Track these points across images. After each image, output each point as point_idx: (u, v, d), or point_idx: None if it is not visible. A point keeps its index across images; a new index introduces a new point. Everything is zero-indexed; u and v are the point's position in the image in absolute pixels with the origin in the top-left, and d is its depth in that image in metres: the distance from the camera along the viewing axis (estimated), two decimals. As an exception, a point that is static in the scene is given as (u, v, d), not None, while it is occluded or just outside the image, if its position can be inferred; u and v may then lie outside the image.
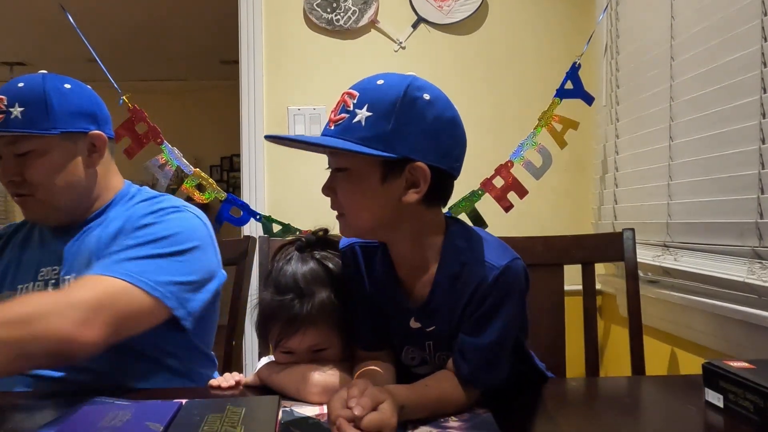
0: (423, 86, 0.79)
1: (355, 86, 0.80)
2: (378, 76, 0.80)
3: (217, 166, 5.92)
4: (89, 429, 0.66)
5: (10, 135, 1.00)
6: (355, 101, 0.77)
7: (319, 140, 0.77)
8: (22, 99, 1.01)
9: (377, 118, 0.76)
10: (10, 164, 1.02)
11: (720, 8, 1.29)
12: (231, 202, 1.83)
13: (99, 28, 3.96)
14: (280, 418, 0.71)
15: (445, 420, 0.76)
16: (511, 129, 1.97)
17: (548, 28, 2.05)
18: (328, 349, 0.90)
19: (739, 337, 1.21)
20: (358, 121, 0.76)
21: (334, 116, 0.79)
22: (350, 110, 0.77)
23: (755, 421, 0.72)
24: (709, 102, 1.33)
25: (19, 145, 1.01)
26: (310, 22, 2.02)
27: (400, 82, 0.78)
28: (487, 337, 0.80)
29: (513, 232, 1.45)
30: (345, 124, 0.77)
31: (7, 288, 1.06)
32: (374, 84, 0.79)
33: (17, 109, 1.00)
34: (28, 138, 1.01)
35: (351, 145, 0.75)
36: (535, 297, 1.28)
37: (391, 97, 0.76)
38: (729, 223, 1.24)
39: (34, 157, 1.02)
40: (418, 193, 0.79)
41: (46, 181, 1.03)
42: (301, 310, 0.86)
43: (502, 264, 0.79)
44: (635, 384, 1.06)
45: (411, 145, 0.77)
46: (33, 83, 1.03)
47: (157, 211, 1.04)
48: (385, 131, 0.76)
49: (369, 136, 0.76)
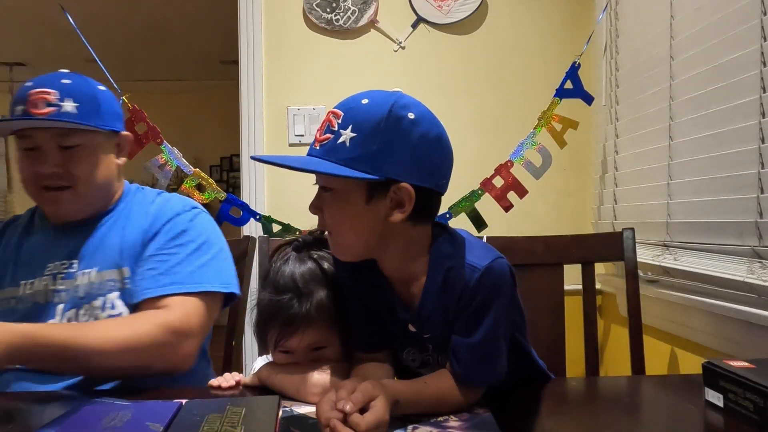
0: (408, 104, 0.78)
1: (340, 105, 0.79)
2: (363, 95, 0.79)
3: (216, 166, 5.92)
4: (89, 429, 0.67)
5: (61, 127, 1.03)
6: (340, 121, 0.77)
7: (302, 164, 0.77)
8: (75, 95, 1.04)
9: (362, 140, 0.75)
10: (54, 156, 1.04)
11: (719, 7, 1.29)
12: (231, 202, 1.83)
13: (99, 29, 3.96)
14: (280, 418, 0.71)
15: (445, 420, 0.76)
16: (510, 129, 1.97)
17: (548, 27, 2.05)
18: (328, 348, 0.91)
19: (739, 337, 1.21)
20: (342, 142, 0.76)
21: (320, 136, 0.79)
22: (335, 130, 0.77)
23: (755, 420, 0.72)
24: (708, 101, 1.33)
25: (70, 138, 1.04)
26: (310, 22, 2.02)
27: (385, 101, 0.77)
28: (477, 336, 0.80)
29: (513, 232, 1.45)
30: (330, 145, 0.77)
31: (9, 284, 1.06)
32: (359, 103, 0.78)
33: (71, 104, 1.03)
34: (79, 132, 1.04)
35: (334, 168, 0.75)
36: (535, 297, 1.29)
37: (375, 117, 0.76)
38: (729, 222, 1.24)
39: (81, 151, 1.05)
40: (404, 213, 0.78)
41: (88, 175, 1.06)
42: (300, 310, 0.86)
43: (484, 264, 0.79)
44: (635, 384, 1.06)
45: (396, 166, 0.76)
46: (81, 81, 1.07)
47: (181, 212, 1.12)
48: (369, 152, 0.75)
49: (353, 157, 0.75)
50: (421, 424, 0.75)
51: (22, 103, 1.02)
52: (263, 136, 2.02)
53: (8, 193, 5.84)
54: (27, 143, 1.04)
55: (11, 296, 1.05)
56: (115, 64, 2.04)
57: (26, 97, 1.02)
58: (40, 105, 1.01)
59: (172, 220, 1.10)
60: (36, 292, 1.05)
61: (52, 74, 1.07)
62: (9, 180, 5.85)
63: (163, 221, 1.10)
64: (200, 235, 1.10)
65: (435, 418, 0.76)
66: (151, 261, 1.06)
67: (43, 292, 1.05)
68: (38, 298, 1.04)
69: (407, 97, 0.80)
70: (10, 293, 1.06)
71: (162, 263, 1.05)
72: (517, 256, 1.35)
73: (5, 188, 5.83)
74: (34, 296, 1.05)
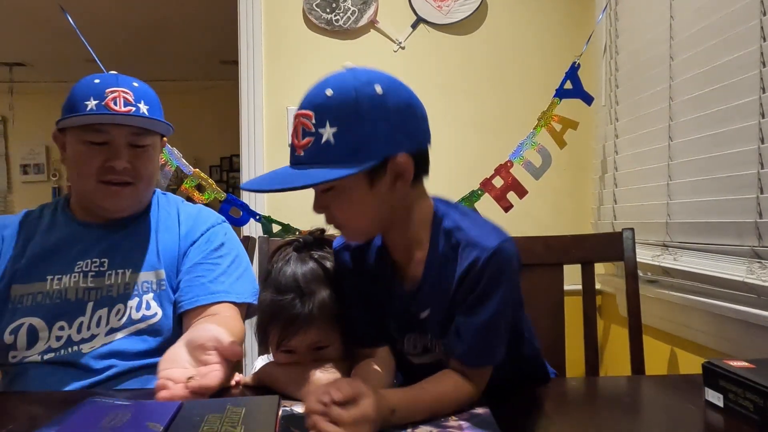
0: (369, 78, 0.77)
1: (306, 104, 0.77)
2: (323, 85, 0.77)
3: (216, 167, 5.92)
4: (89, 429, 0.67)
5: (140, 126, 1.08)
6: (314, 121, 0.75)
7: (300, 181, 0.75)
8: (146, 97, 1.10)
9: (344, 131, 0.75)
10: (126, 152, 1.08)
11: (719, 8, 1.29)
12: (231, 202, 1.83)
13: (99, 29, 3.96)
14: (279, 418, 0.71)
15: (445, 420, 0.76)
16: (510, 129, 1.97)
17: (547, 28, 2.05)
18: (330, 347, 0.91)
19: (739, 337, 1.21)
20: (326, 141, 0.75)
21: (299, 142, 0.77)
22: (313, 132, 0.75)
23: (755, 420, 0.72)
24: (708, 102, 1.33)
25: (143, 138, 1.09)
26: (310, 23, 2.02)
27: (347, 85, 0.76)
28: (483, 316, 0.80)
29: (513, 232, 1.44)
30: (314, 149, 0.75)
31: (36, 279, 1.07)
32: (324, 96, 0.76)
33: (144, 106, 1.09)
34: (149, 132, 1.10)
35: (331, 173, 0.74)
36: (534, 297, 1.29)
37: (348, 105, 0.75)
38: (728, 222, 1.24)
39: (149, 151, 1.12)
40: (406, 182, 0.80)
41: (151, 174, 1.14)
42: (302, 310, 0.87)
43: (493, 245, 0.79)
44: (635, 384, 1.06)
45: (385, 143, 0.77)
46: (146, 85, 1.12)
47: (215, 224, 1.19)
48: (356, 141, 0.75)
49: (343, 152, 0.75)
50: (421, 424, 0.74)
51: (97, 98, 1.05)
52: (263, 136, 2.02)
53: (8, 193, 5.85)
54: (98, 137, 1.07)
55: (38, 291, 1.06)
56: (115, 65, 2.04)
57: (102, 93, 1.06)
58: (120, 103, 1.06)
59: (210, 231, 1.17)
60: (66, 289, 1.06)
61: (120, 75, 1.12)
62: (9, 180, 5.85)
63: (201, 230, 1.16)
64: (233, 249, 1.18)
65: (435, 418, 0.76)
66: (198, 269, 1.11)
67: (74, 289, 1.06)
68: (68, 294, 1.05)
69: (363, 70, 0.79)
70: (37, 288, 1.06)
71: (209, 272, 1.11)
72: (517, 256, 1.35)
73: (5, 188, 5.83)
74: (64, 293, 1.05)
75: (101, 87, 1.06)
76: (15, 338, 1.02)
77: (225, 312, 1.08)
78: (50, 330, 1.03)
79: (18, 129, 5.69)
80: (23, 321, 1.03)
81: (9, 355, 1.03)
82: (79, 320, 1.04)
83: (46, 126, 6.01)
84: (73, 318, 1.04)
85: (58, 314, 1.04)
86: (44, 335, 1.03)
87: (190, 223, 1.17)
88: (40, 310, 1.04)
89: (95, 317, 1.04)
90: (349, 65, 0.81)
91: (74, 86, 1.08)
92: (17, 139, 5.77)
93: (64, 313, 1.04)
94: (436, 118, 2.25)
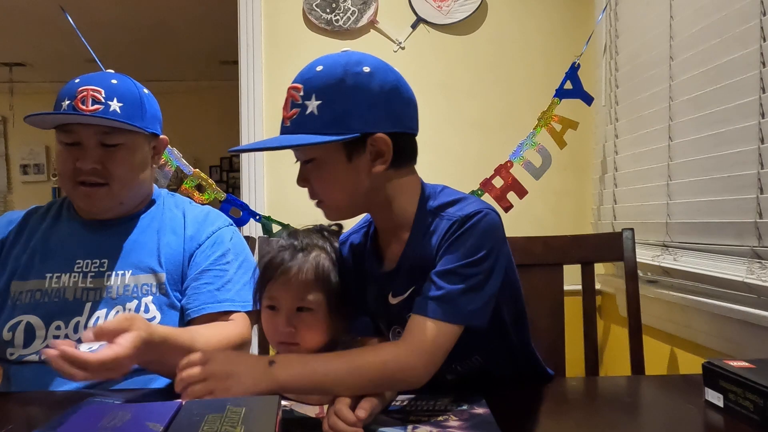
0: (360, 59, 0.82)
1: (298, 78, 0.83)
2: (316, 62, 0.83)
3: (216, 167, 5.93)
4: (89, 429, 0.66)
5: (106, 125, 1.05)
6: (302, 93, 0.80)
7: (276, 142, 0.81)
8: (120, 95, 1.07)
9: (326, 104, 0.79)
10: (95, 152, 1.06)
11: (719, 8, 1.29)
12: (230, 202, 1.83)
13: (99, 29, 3.96)
14: (280, 418, 0.71)
15: (445, 420, 0.76)
16: (510, 129, 1.97)
17: (547, 28, 2.05)
18: (312, 312, 0.90)
19: (739, 337, 1.21)
20: (311, 112, 0.79)
21: (287, 113, 0.82)
22: (300, 103, 0.80)
23: (755, 420, 0.72)
24: (708, 102, 1.33)
25: (113, 137, 1.06)
26: (310, 23, 2.02)
27: (337, 63, 0.81)
28: (456, 261, 0.78)
29: (512, 232, 1.44)
30: (299, 119, 0.80)
31: (34, 276, 1.07)
32: (314, 72, 0.81)
33: (116, 104, 1.06)
34: (121, 132, 1.07)
35: (309, 138, 0.78)
36: (534, 297, 1.29)
37: (334, 80, 0.79)
38: (728, 222, 1.24)
39: (121, 150, 1.08)
40: (385, 162, 0.82)
41: (125, 174, 1.09)
42: (290, 259, 0.90)
43: (473, 209, 0.81)
44: (635, 384, 1.06)
45: (365, 119, 0.80)
46: (127, 82, 1.10)
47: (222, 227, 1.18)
48: (337, 114, 0.79)
49: (324, 122, 0.79)
50: (421, 424, 0.75)
51: (70, 98, 1.05)
52: (263, 136, 2.02)
53: (8, 194, 5.85)
54: (69, 138, 1.06)
55: (37, 288, 1.06)
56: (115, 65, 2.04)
57: (74, 93, 1.05)
58: (88, 102, 1.04)
59: (216, 234, 1.15)
60: (64, 288, 1.05)
61: (101, 73, 1.10)
62: (9, 180, 5.85)
63: (207, 233, 1.15)
64: (240, 254, 1.17)
65: (435, 418, 0.76)
66: (205, 276, 1.11)
67: (72, 289, 1.05)
68: (67, 294, 1.05)
69: (357, 53, 0.84)
70: (35, 285, 1.06)
71: (217, 279, 1.11)
72: (517, 257, 1.34)
73: (5, 188, 5.83)
74: (62, 292, 1.05)
75: (76, 86, 1.06)
76: (13, 335, 1.02)
77: (239, 320, 1.09)
78: (47, 329, 1.03)
79: (18, 129, 5.69)
80: (21, 318, 1.03)
81: (7, 352, 1.03)
82: (76, 320, 1.03)
83: (46, 126, 5.86)
84: (69, 318, 1.03)
85: (55, 313, 1.03)
86: (41, 334, 1.02)
87: (196, 226, 1.15)
88: (38, 309, 1.04)
89: (92, 318, 1.04)
90: (347, 48, 0.85)
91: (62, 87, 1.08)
92: (17, 139, 5.78)
93: (61, 313, 1.04)
94: (436, 118, 2.26)
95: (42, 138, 5.75)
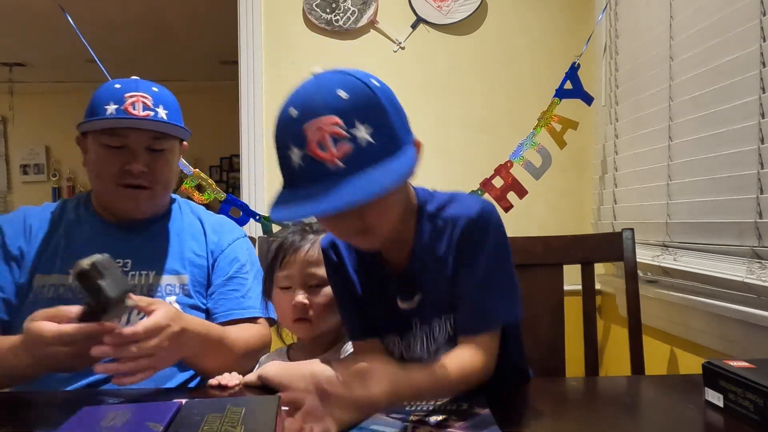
0: (365, 74, 0.75)
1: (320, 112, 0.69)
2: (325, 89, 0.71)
3: (216, 167, 5.92)
4: (89, 429, 0.66)
5: (156, 128, 1.09)
6: (342, 125, 0.69)
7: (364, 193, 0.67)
8: (165, 102, 1.12)
9: (377, 127, 0.70)
10: (144, 157, 1.09)
11: (719, 8, 1.29)
12: (230, 202, 1.83)
13: (98, 29, 3.96)
14: (280, 418, 0.71)
15: (445, 419, 0.76)
16: (510, 129, 1.97)
17: (547, 28, 2.05)
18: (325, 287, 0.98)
19: (739, 337, 1.21)
20: (368, 142, 0.69)
21: (332, 153, 0.68)
22: (348, 137, 0.69)
23: (755, 420, 0.72)
24: (708, 102, 1.33)
25: (161, 142, 1.11)
26: (310, 23, 2.02)
27: (354, 83, 0.72)
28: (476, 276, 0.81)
29: (513, 232, 1.44)
30: (356, 154, 0.68)
31: (57, 271, 1.08)
32: (339, 99, 0.70)
33: (162, 110, 1.10)
34: (167, 137, 1.12)
35: (399, 167, 0.69)
36: (534, 297, 1.29)
37: (369, 100, 0.71)
38: (728, 222, 1.24)
39: (166, 155, 1.13)
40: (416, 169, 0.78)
41: (167, 178, 1.14)
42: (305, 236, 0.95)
43: (477, 208, 0.81)
44: (635, 384, 1.06)
45: (404, 129, 0.75)
46: (164, 90, 1.14)
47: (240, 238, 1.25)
48: (389, 133, 0.71)
49: (383, 147, 0.70)
50: (421, 424, 0.75)
51: (116, 102, 1.07)
52: (263, 136, 2.02)
53: (8, 193, 5.84)
54: (117, 141, 1.08)
55: (60, 283, 1.07)
56: (115, 65, 2.04)
57: (121, 97, 1.07)
58: (139, 107, 1.07)
59: (236, 243, 1.22)
60: None
61: (138, 80, 1.13)
62: (9, 180, 5.85)
63: (228, 241, 1.21)
64: (255, 264, 1.24)
65: (435, 418, 0.76)
66: (231, 283, 1.17)
67: None
68: None
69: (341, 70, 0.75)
70: (58, 280, 1.07)
71: (240, 286, 1.17)
72: (517, 256, 1.34)
73: (5, 188, 5.83)
74: None
75: (121, 91, 1.08)
76: None
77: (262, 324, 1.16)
78: None
79: (18, 129, 5.69)
80: None
81: None
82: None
83: (46, 126, 6.01)
84: None
85: None
86: None
87: (217, 234, 1.21)
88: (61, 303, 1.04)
89: None
90: (317, 71, 0.75)
91: (96, 91, 1.10)
92: (17, 139, 5.78)
93: None
94: (435, 118, 2.26)
95: (42, 138, 5.75)
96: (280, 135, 0.74)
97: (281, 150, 0.73)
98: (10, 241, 1.09)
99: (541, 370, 1.19)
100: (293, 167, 0.71)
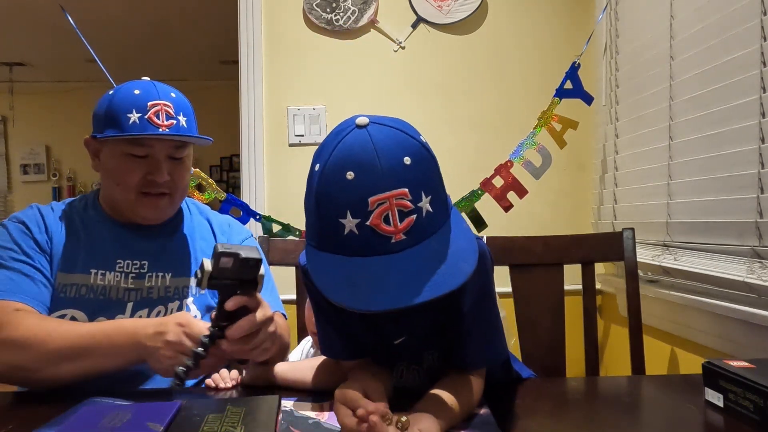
0: (414, 128, 0.72)
1: (391, 184, 0.65)
2: (394, 152, 0.66)
3: (216, 167, 5.93)
4: (89, 429, 0.67)
5: (182, 140, 1.09)
6: (411, 197, 0.65)
7: (444, 287, 0.63)
8: (183, 109, 1.10)
9: (435, 194, 0.68)
10: (166, 165, 1.10)
11: (719, 8, 1.29)
12: (230, 202, 1.83)
13: (99, 29, 3.96)
14: (280, 418, 0.72)
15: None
16: (510, 129, 1.97)
17: (548, 27, 2.05)
18: None
19: (739, 337, 1.21)
20: (428, 212, 0.66)
21: (399, 226, 0.65)
22: (413, 208, 0.65)
23: (755, 420, 0.72)
24: (708, 101, 1.33)
25: (182, 150, 1.11)
26: (310, 22, 2.02)
27: (413, 144, 0.68)
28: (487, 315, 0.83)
29: (513, 232, 1.45)
30: (420, 226, 0.66)
31: (79, 270, 1.08)
32: (404, 166, 0.66)
33: (182, 118, 1.10)
34: (187, 145, 1.12)
35: (470, 262, 0.66)
36: (535, 297, 1.29)
37: (430, 166, 0.69)
38: (729, 222, 1.24)
39: (185, 162, 1.14)
40: None
41: (186, 184, 1.16)
42: None
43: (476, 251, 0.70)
44: (635, 383, 1.06)
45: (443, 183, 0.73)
46: (181, 95, 1.13)
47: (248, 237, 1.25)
48: (443, 196, 0.71)
49: (439, 213, 0.68)
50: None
51: (139, 111, 1.06)
52: (263, 136, 2.02)
53: (8, 193, 5.85)
54: (142, 151, 1.08)
55: (82, 283, 1.07)
56: (115, 65, 2.05)
57: (145, 106, 1.06)
58: (162, 117, 1.07)
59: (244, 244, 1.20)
60: (109, 287, 1.07)
61: (153, 83, 1.11)
62: (9, 180, 5.85)
63: (236, 242, 1.21)
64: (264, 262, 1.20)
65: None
66: None
67: (115, 288, 1.08)
68: (111, 293, 1.07)
69: (395, 120, 0.71)
70: (80, 279, 1.07)
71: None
72: (517, 256, 1.36)
73: (5, 188, 5.83)
74: (107, 290, 1.07)
75: (143, 99, 1.07)
76: None
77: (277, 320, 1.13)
78: None
79: (18, 129, 5.69)
80: (66, 312, 1.04)
81: None
82: (119, 318, 1.05)
83: (46, 126, 6.01)
84: (113, 315, 1.05)
85: (99, 310, 1.05)
86: None
87: (227, 234, 1.22)
88: (84, 304, 1.05)
89: (135, 317, 1.06)
90: (364, 122, 0.68)
91: (113, 96, 1.08)
92: (17, 139, 5.78)
93: (104, 310, 1.05)
94: (436, 118, 2.26)
95: (42, 138, 5.75)
96: (331, 199, 0.67)
97: (329, 213, 0.67)
98: (37, 236, 1.08)
99: (542, 369, 1.19)
100: (342, 233, 0.66)
